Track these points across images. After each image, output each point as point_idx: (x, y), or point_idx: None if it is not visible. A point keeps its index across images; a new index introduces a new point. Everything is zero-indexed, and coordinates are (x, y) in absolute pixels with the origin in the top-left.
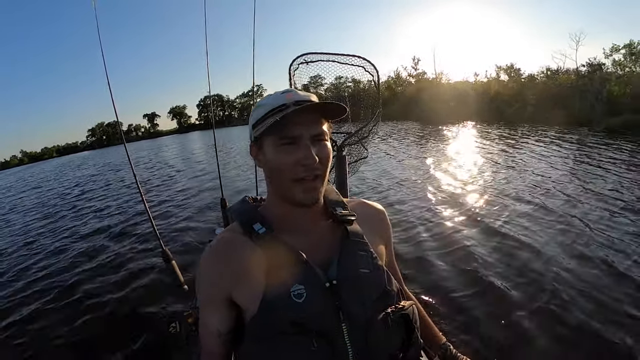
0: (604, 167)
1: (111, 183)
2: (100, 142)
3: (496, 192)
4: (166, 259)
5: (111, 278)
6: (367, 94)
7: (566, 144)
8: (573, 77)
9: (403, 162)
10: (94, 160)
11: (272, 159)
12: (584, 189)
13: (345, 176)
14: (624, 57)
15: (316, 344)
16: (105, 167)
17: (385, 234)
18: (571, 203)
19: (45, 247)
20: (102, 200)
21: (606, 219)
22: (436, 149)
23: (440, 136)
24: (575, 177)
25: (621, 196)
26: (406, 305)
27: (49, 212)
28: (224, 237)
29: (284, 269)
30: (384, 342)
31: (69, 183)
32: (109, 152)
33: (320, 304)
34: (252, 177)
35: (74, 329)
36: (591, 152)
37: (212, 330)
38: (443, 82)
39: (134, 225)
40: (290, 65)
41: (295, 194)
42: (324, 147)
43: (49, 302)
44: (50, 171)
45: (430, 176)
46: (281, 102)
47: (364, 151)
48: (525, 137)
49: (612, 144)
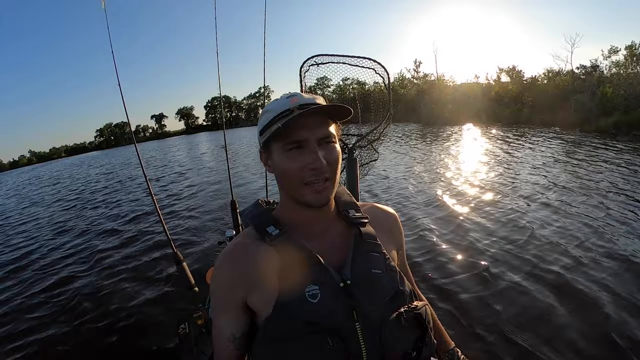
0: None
1: (122, 182)
2: (108, 143)
3: (499, 190)
4: (177, 261)
5: (122, 279)
6: (377, 96)
7: (556, 145)
8: (568, 79)
9: (407, 162)
10: (103, 160)
11: (280, 164)
12: (580, 186)
13: (356, 179)
14: (625, 58)
15: (331, 343)
16: (115, 167)
17: (398, 238)
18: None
19: (55, 246)
20: (113, 201)
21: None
22: (438, 149)
23: (441, 137)
24: (570, 174)
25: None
26: (419, 305)
27: (61, 212)
28: (238, 242)
29: (298, 270)
30: (398, 342)
31: (81, 181)
32: (117, 153)
33: (335, 304)
34: (261, 179)
35: (84, 328)
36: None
37: (227, 334)
38: (445, 84)
39: (145, 227)
40: (300, 67)
41: (305, 195)
42: (331, 150)
43: (58, 302)
44: (63, 169)
45: (435, 177)
46: (285, 107)
47: (375, 153)
48: (518, 137)
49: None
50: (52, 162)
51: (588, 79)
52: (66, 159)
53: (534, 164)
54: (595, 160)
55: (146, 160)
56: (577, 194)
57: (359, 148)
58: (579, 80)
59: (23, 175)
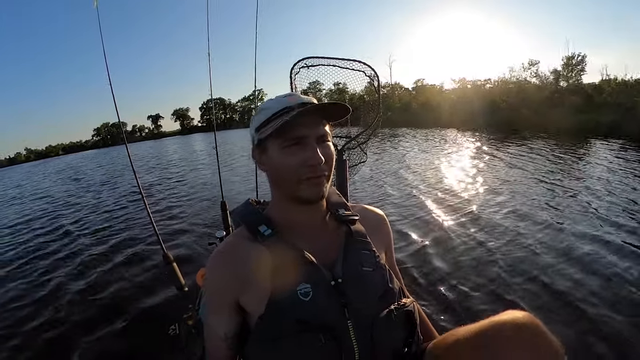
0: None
1: (111, 182)
2: (105, 142)
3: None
4: (167, 261)
5: (110, 280)
6: (367, 99)
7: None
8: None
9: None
10: (100, 159)
11: (277, 160)
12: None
13: (345, 180)
14: (562, 67)
15: (323, 340)
16: (110, 165)
17: (386, 238)
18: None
19: (40, 245)
20: (103, 199)
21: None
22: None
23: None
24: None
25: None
26: (407, 302)
27: (39, 213)
28: (230, 242)
29: (290, 268)
30: (389, 338)
31: (74, 181)
32: (114, 151)
33: (326, 302)
34: (251, 180)
35: (70, 330)
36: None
37: (219, 334)
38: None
39: (134, 226)
40: (291, 69)
41: (301, 190)
42: (328, 148)
43: (42, 302)
44: (66, 166)
45: (420, 179)
46: (284, 104)
47: (364, 155)
48: (484, 141)
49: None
50: (54, 159)
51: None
52: (68, 156)
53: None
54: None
55: (139, 158)
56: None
57: (348, 150)
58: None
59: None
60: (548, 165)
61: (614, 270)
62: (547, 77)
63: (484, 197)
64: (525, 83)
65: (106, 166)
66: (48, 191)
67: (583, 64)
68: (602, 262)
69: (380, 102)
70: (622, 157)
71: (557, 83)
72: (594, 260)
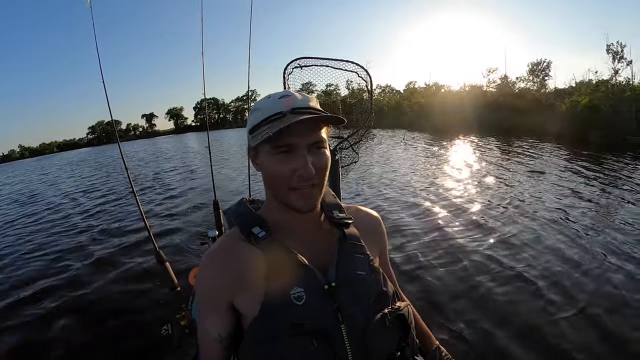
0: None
1: (103, 179)
2: (100, 140)
3: (474, 195)
4: (160, 261)
5: (102, 279)
6: (360, 100)
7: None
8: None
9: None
10: (94, 157)
11: (267, 166)
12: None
13: (338, 180)
14: (527, 73)
15: (316, 344)
16: (102, 164)
17: (380, 240)
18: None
19: (31, 245)
20: (96, 198)
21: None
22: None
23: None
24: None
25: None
26: (401, 306)
27: (35, 210)
28: (224, 242)
29: (284, 272)
30: (382, 342)
31: (71, 180)
32: (108, 150)
33: (320, 306)
34: (244, 179)
35: (61, 330)
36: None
37: (213, 335)
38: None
39: (126, 226)
40: (284, 69)
41: (292, 200)
42: (321, 156)
43: (34, 302)
44: (62, 163)
45: (417, 180)
46: (278, 109)
47: (356, 156)
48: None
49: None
50: (52, 156)
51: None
52: (64, 153)
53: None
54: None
55: (132, 154)
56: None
57: (341, 150)
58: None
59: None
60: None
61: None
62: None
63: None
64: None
65: (101, 166)
66: (33, 191)
67: (547, 70)
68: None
69: (372, 103)
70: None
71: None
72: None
